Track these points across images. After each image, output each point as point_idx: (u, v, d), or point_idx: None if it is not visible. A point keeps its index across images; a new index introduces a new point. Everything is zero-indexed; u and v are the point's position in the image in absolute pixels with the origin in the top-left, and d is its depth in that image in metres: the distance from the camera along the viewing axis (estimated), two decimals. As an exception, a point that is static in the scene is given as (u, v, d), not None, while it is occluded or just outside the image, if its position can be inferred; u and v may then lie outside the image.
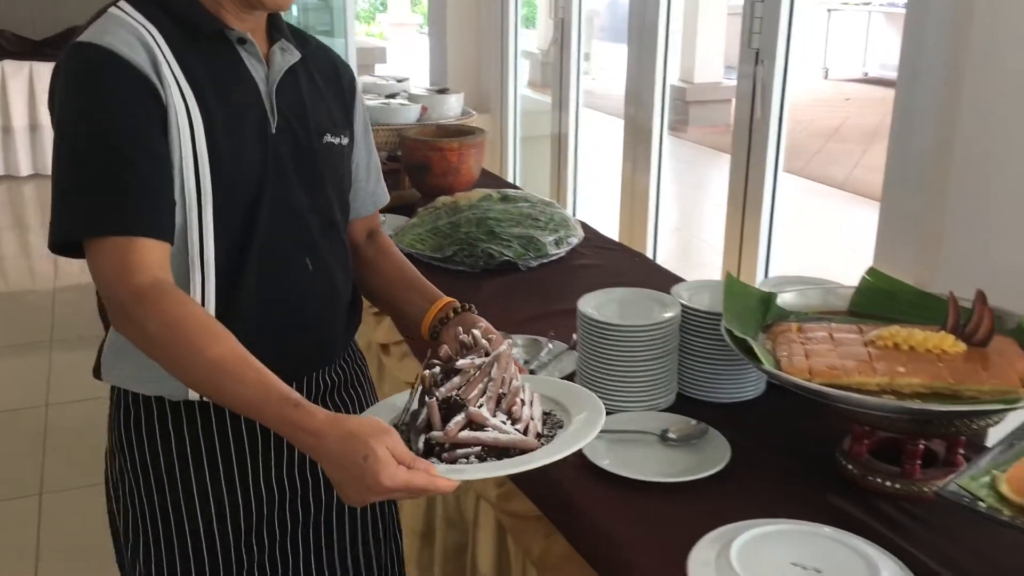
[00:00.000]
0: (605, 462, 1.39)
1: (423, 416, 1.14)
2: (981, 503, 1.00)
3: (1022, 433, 1.11)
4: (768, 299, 1.56)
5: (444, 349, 1.24)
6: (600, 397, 1.25)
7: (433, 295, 1.46)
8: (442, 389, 1.15)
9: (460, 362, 1.19)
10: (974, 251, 1.78)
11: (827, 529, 1.21)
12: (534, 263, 2.25)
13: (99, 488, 1.52)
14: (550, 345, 1.79)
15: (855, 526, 1.24)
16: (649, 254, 3.16)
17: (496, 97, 4.23)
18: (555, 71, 3.77)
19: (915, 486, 1.32)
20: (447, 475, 1.06)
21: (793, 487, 1.36)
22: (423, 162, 2.62)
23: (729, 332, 1.41)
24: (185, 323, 1.13)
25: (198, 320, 1.14)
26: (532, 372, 1.66)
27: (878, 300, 1.56)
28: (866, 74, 11.51)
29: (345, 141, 1.43)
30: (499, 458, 1.11)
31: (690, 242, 6.05)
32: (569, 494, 1.35)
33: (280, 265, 1.33)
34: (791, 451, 1.45)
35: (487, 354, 1.20)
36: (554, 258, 2.30)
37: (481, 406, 1.14)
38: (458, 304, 1.44)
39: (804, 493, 1.34)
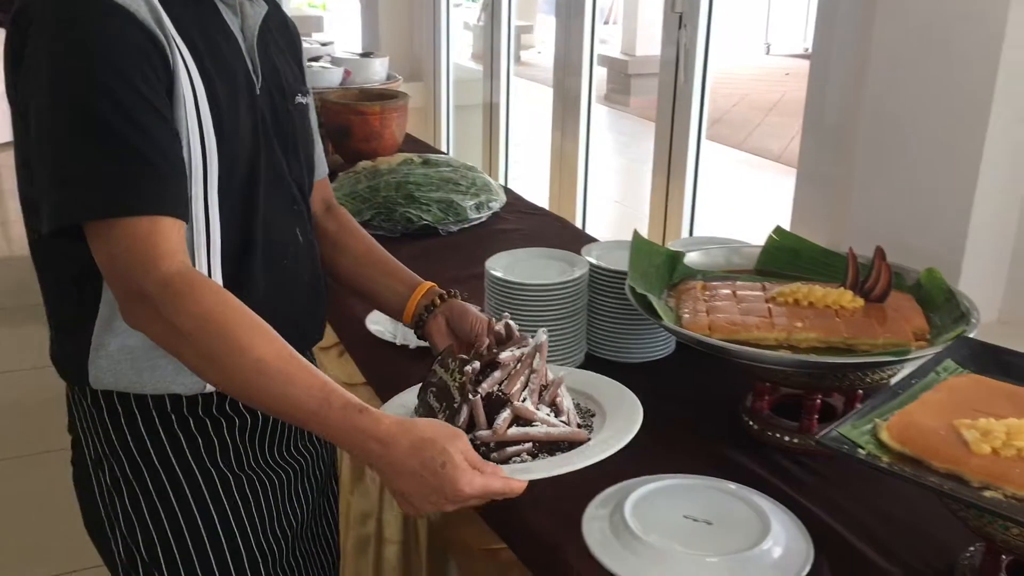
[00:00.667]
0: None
1: (464, 415, 1.09)
2: (861, 450, 1.00)
3: (907, 383, 1.11)
4: (675, 258, 1.55)
5: (485, 342, 1.19)
6: None
7: (411, 279, 1.37)
8: (484, 385, 1.11)
9: (503, 355, 1.14)
10: (881, 211, 1.79)
11: (721, 483, 1.22)
12: (454, 228, 2.23)
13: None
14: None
15: (753, 480, 1.25)
16: (578, 223, 3.15)
17: (429, 66, 4.18)
18: (486, 40, 3.73)
19: (812, 441, 1.33)
20: (515, 476, 1.01)
21: (696, 444, 1.36)
22: (344, 126, 2.57)
23: (632, 289, 1.41)
24: (225, 318, 1.00)
25: (239, 314, 1.01)
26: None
27: (784, 258, 1.57)
28: (806, 50, 11.60)
29: (308, 101, 1.33)
30: (550, 453, 1.09)
31: (630, 214, 6.06)
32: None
33: (281, 239, 1.22)
34: (697, 409, 1.46)
35: (505, 341, 1.20)
36: (475, 223, 2.28)
37: (524, 400, 1.11)
38: (441, 290, 1.36)
39: (707, 450, 1.35)
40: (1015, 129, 1.61)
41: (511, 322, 1.22)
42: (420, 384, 1.21)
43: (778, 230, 1.60)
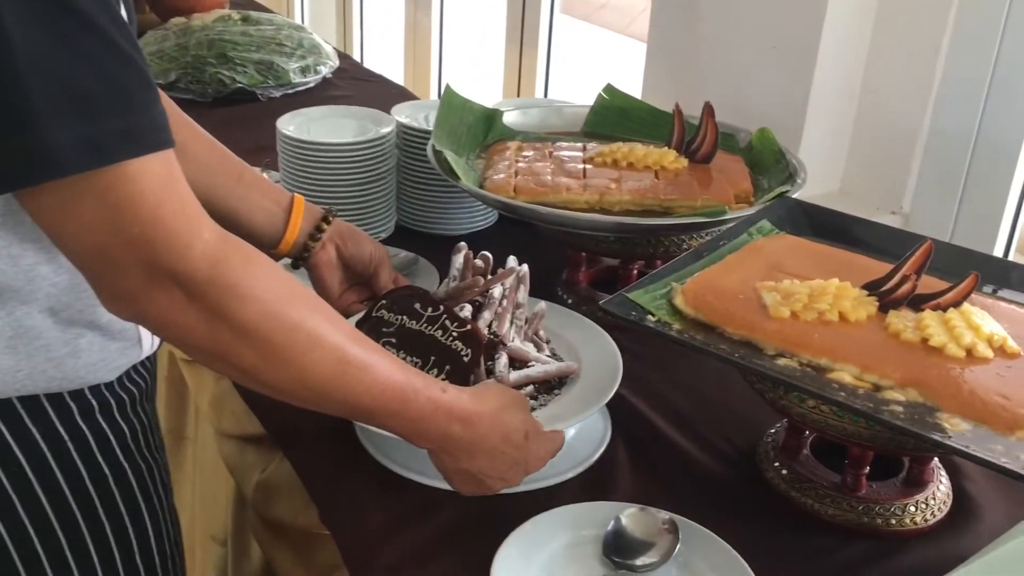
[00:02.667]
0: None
1: (482, 368, 0.94)
2: (650, 316, 0.88)
3: (715, 244, 1.00)
4: (492, 117, 1.39)
5: (480, 282, 1.00)
6: None
7: (279, 194, 1.07)
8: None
9: (495, 292, 0.99)
10: (722, 74, 1.67)
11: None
12: (276, 93, 2.01)
13: None
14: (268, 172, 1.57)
15: (558, 356, 1.13)
16: (433, 96, 2.95)
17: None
18: None
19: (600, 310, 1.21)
20: (552, 426, 0.89)
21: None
22: (158, -21, 2.29)
23: (433, 148, 1.25)
24: (291, 295, 0.75)
25: (296, 287, 0.76)
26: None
27: (612, 119, 1.42)
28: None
29: None
30: (547, 392, 0.97)
31: (487, 89, 5.84)
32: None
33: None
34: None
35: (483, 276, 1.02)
36: (300, 88, 2.06)
37: (513, 340, 0.98)
38: (320, 208, 1.08)
39: (515, 325, 1.22)
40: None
41: (487, 254, 1.06)
42: None
43: (608, 88, 1.45)
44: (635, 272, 1.23)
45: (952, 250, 1.01)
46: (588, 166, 1.25)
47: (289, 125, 1.39)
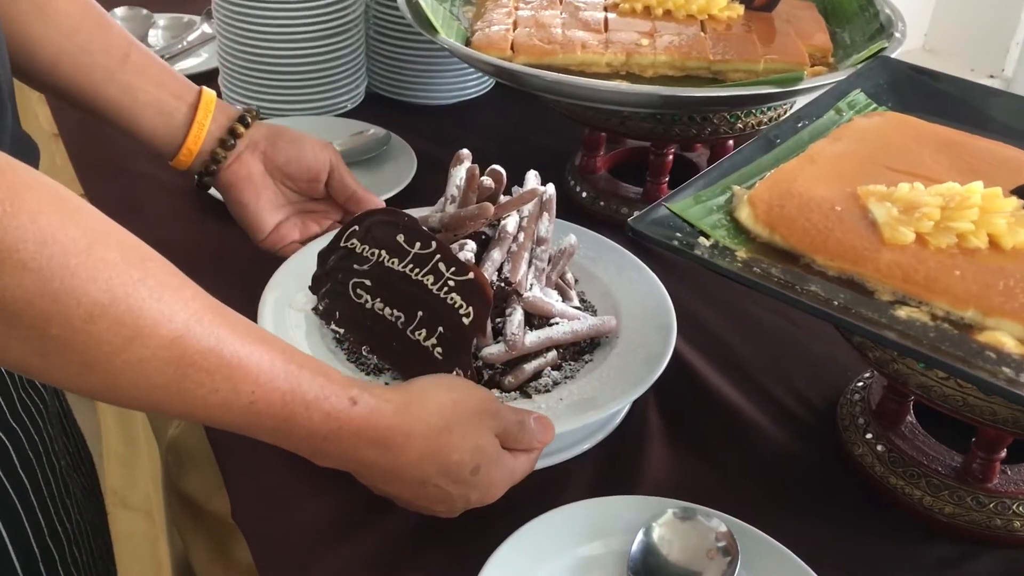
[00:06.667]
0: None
1: (488, 330, 0.67)
2: (703, 240, 0.60)
3: (791, 127, 0.70)
4: (485, -50, 1.07)
5: (485, 208, 0.71)
6: (246, 98, 0.96)
7: (180, 85, 0.77)
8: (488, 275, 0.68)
9: (508, 223, 0.71)
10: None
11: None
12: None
13: None
14: (204, 28, 1.27)
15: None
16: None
17: None
18: None
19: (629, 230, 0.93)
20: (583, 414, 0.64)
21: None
22: None
23: (406, -8, 0.93)
24: (98, 268, 0.44)
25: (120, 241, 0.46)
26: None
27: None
28: None
29: None
30: (576, 358, 0.70)
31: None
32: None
33: None
34: (517, 168, 1.02)
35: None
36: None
37: (532, 287, 0.70)
38: (239, 109, 0.79)
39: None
40: None
41: (499, 168, 0.75)
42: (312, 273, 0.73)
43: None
44: (669, 158, 0.93)
45: None
46: (611, 15, 0.95)
47: (223, -37, 1.07)
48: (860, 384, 0.73)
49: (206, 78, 1.16)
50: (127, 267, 0.44)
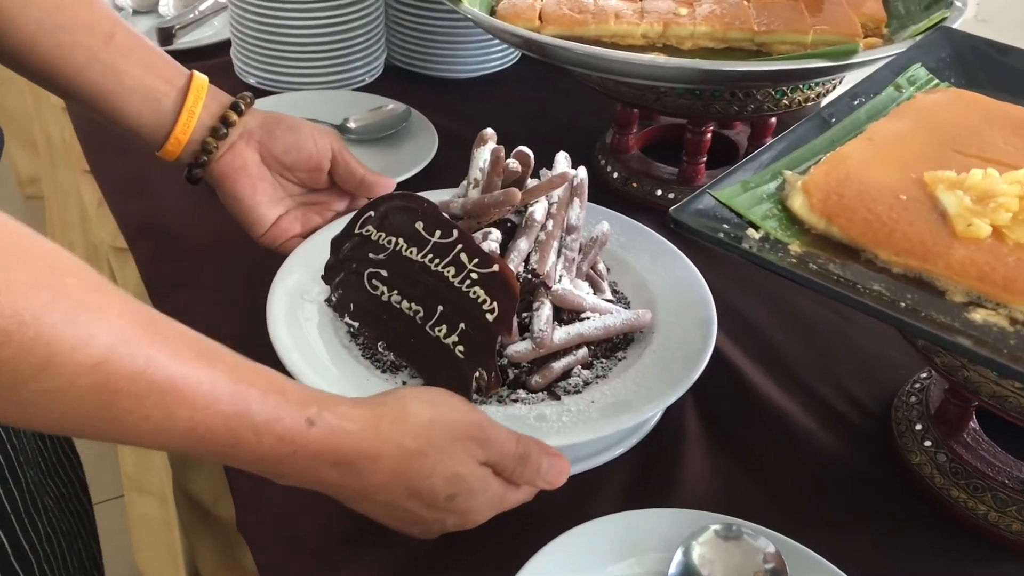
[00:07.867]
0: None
1: (514, 326, 0.61)
2: (753, 231, 0.54)
3: (846, 106, 0.64)
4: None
5: (511, 193, 0.65)
6: (259, 71, 0.92)
7: (169, 68, 0.71)
8: (515, 265, 0.62)
9: (536, 211, 0.66)
10: None
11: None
12: None
13: None
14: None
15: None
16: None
17: None
18: None
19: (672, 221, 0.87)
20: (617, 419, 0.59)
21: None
22: None
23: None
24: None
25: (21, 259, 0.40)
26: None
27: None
28: None
29: None
30: (608, 355, 0.65)
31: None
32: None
33: None
34: (545, 148, 0.95)
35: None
36: None
37: (561, 279, 0.65)
38: (228, 96, 0.73)
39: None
40: None
41: (526, 149, 0.69)
42: (325, 264, 0.68)
43: None
44: (707, 137, 0.87)
45: None
46: (646, -17, 0.88)
47: (234, -74, 1.02)
48: (916, 385, 0.67)
49: (217, 49, 1.12)
50: (37, 289, 0.38)
